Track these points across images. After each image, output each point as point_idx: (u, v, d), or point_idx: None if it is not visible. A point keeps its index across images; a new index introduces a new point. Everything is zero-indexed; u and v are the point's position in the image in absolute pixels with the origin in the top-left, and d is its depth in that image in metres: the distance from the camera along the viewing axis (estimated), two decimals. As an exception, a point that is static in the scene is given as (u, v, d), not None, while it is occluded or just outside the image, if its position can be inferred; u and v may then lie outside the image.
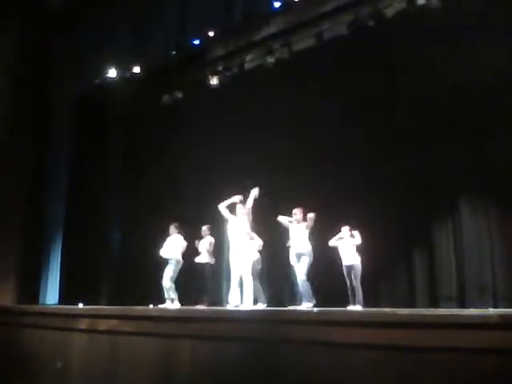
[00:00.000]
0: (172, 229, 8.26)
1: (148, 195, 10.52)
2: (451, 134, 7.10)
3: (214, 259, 8.36)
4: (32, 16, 10.19)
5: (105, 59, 9.54)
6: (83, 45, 9.95)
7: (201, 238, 8.41)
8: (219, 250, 8.74)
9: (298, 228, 7.02)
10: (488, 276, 6.55)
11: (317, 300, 6.77)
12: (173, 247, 8.11)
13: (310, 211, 6.99)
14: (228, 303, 6.95)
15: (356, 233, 7.14)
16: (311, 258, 6.86)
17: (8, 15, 10.02)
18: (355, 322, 4.61)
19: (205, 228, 8.35)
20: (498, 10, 6.64)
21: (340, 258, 7.24)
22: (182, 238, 8.22)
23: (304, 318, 5.15)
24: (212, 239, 8.38)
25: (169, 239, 8.23)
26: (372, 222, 7.52)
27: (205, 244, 8.31)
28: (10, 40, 10.17)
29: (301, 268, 6.86)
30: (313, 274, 6.95)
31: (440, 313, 5.03)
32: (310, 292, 6.75)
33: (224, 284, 9.39)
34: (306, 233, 6.97)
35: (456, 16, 7.04)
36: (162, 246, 8.19)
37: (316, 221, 7.00)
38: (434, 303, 6.88)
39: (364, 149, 7.96)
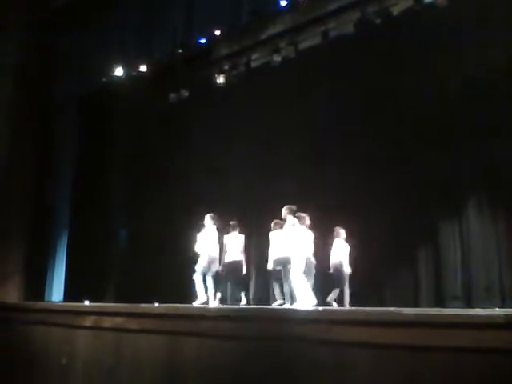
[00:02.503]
0: (208, 220, 7.62)
1: (154, 193, 10.54)
2: (459, 133, 7.06)
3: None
4: (38, 15, 10.22)
5: (111, 58, 9.54)
6: (89, 43, 9.96)
7: (227, 233, 7.83)
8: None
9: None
10: (495, 275, 6.50)
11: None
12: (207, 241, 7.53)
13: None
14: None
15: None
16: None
17: (14, 13, 10.06)
18: (360, 321, 4.60)
19: (234, 223, 7.79)
20: (506, 7, 6.57)
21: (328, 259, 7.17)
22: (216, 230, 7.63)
23: (309, 317, 5.14)
24: (242, 236, 7.80)
25: (204, 231, 7.63)
26: (378, 222, 7.50)
27: (237, 241, 7.76)
28: (17, 39, 10.21)
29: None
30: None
31: (446, 312, 5.00)
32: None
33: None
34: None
35: (463, 13, 6.98)
36: (195, 239, 7.66)
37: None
38: (440, 303, 6.84)
39: (372, 147, 7.93)
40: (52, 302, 9.59)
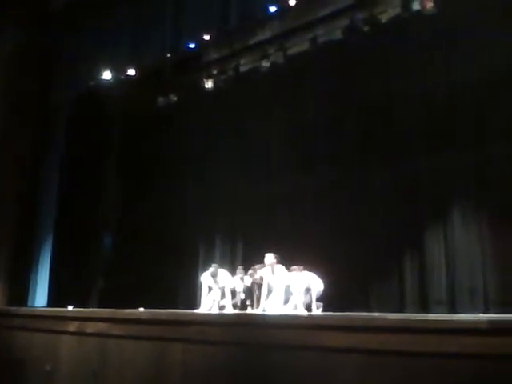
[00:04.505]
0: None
1: (141, 198, 10.48)
2: (445, 139, 7.10)
3: None
4: (28, 17, 10.17)
5: (100, 61, 9.51)
6: (78, 47, 9.94)
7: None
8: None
9: None
10: (479, 281, 6.51)
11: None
12: None
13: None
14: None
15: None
16: None
17: (4, 16, 9.99)
18: (345, 326, 4.60)
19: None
20: (493, 14, 6.65)
21: None
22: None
23: (294, 323, 5.13)
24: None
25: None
26: (362, 226, 7.51)
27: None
28: (6, 41, 10.15)
29: None
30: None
31: (430, 318, 5.02)
32: None
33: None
34: None
35: (451, 20, 7.05)
36: None
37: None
38: (425, 308, 6.85)
39: (359, 152, 7.97)
40: (35, 308, 9.47)
